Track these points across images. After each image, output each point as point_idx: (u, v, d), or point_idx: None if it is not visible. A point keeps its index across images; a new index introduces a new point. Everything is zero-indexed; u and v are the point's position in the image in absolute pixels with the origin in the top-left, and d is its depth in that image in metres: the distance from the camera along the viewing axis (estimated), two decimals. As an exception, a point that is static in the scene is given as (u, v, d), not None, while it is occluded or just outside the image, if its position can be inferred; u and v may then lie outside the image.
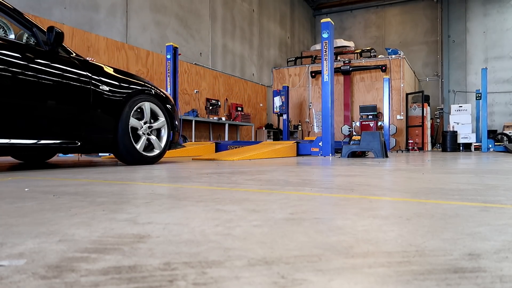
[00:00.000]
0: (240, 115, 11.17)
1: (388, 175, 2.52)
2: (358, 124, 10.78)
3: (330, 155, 6.18)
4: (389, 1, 16.90)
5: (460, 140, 10.61)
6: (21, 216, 1.10)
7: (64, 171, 2.89)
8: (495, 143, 9.77)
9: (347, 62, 11.86)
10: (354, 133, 11.13)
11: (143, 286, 0.56)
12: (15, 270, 0.63)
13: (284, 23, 15.33)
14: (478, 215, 1.09)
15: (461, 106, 10.96)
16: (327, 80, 6.28)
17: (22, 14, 2.93)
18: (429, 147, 12.35)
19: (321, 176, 2.39)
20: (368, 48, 12.58)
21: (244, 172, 2.72)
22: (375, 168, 3.25)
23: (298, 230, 0.91)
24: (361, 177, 2.35)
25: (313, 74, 12.52)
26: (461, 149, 10.72)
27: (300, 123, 12.80)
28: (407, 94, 11.24)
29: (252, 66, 13.03)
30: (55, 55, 3.01)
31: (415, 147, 10.52)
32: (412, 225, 0.97)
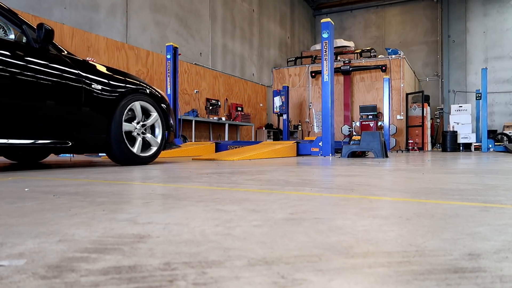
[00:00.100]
0: (240, 115, 11.17)
1: (388, 175, 2.52)
2: (358, 124, 10.78)
3: (330, 155, 6.18)
4: (389, 1, 16.90)
5: (460, 140, 10.61)
6: (21, 216, 1.10)
7: (64, 171, 2.89)
8: (495, 143, 9.77)
9: (347, 62, 11.86)
10: (354, 133, 11.13)
11: (143, 286, 0.56)
12: (15, 270, 0.63)
13: (284, 23, 15.33)
14: (478, 215, 1.09)
15: (461, 106, 10.96)
16: (327, 80, 6.28)
17: (11, 10, 2.87)
18: (429, 147, 12.35)
19: (321, 176, 2.39)
20: (368, 48, 12.58)
21: (244, 172, 2.72)
22: (375, 168, 3.25)
23: (298, 230, 0.91)
24: (361, 177, 2.35)
25: (313, 74, 12.52)
26: (461, 149, 10.72)
27: (300, 123, 12.80)
28: (407, 94, 11.24)
29: (252, 66, 13.03)
30: (45, 53, 2.94)
31: (415, 147, 10.51)
32: (412, 225, 0.97)
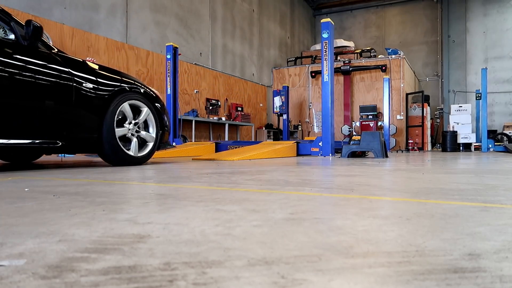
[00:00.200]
0: (240, 115, 11.16)
1: (388, 175, 2.52)
2: (358, 124, 10.78)
3: (330, 155, 6.18)
4: (389, 1, 16.90)
5: (460, 140, 10.61)
6: (21, 216, 1.10)
7: (64, 171, 2.89)
8: (495, 143, 9.76)
9: (347, 62, 11.86)
10: (354, 133, 11.13)
11: (143, 286, 0.56)
12: (15, 270, 0.63)
13: (284, 23, 15.33)
14: (478, 215, 1.09)
15: (461, 106, 10.96)
16: (327, 80, 6.28)
17: None
18: (429, 147, 12.35)
19: (321, 176, 2.39)
20: (368, 48, 12.58)
21: (244, 172, 2.72)
22: (375, 168, 3.25)
23: (298, 230, 0.91)
24: (361, 177, 2.35)
25: (313, 74, 12.52)
26: (461, 149, 10.72)
27: (300, 123, 12.80)
28: (407, 94, 11.24)
29: (252, 66, 13.03)
30: (34, 50, 2.87)
31: (415, 147, 10.51)
32: (412, 225, 0.97)
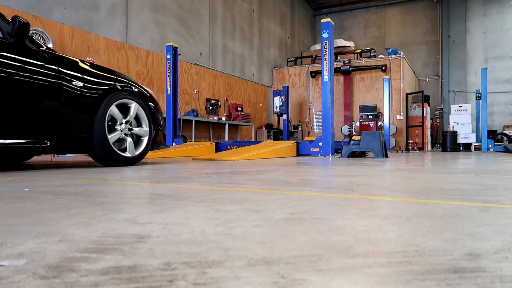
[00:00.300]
0: (240, 115, 11.17)
1: (388, 175, 2.52)
2: (358, 124, 10.78)
3: (330, 155, 6.18)
4: (389, 1, 16.90)
5: (460, 140, 10.61)
6: (21, 216, 1.10)
7: (64, 171, 2.89)
8: (495, 143, 9.76)
9: (347, 62, 11.86)
10: (354, 133, 11.13)
11: (143, 286, 0.56)
12: (15, 270, 0.63)
13: (284, 23, 15.33)
14: (478, 215, 1.09)
15: (461, 106, 10.96)
16: (327, 80, 6.28)
17: None
18: (429, 147, 12.35)
19: (321, 176, 2.39)
20: (368, 48, 12.58)
21: (244, 172, 2.72)
22: (375, 168, 3.25)
23: (298, 230, 0.91)
24: (361, 177, 2.35)
25: (313, 74, 12.52)
26: (461, 149, 10.72)
27: (300, 123, 12.80)
28: (407, 94, 11.24)
29: (252, 66, 13.03)
30: (20, 47, 2.80)
31: (415, 147, 10.52)
32: (412, 225, 0.97)
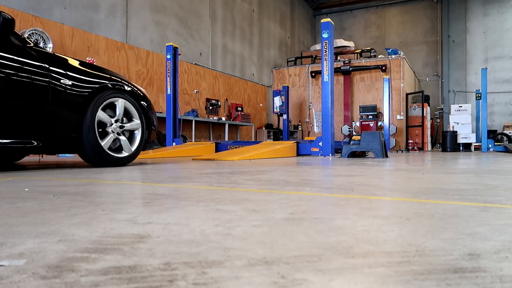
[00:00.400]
0: (240, 115, 11.17)
1: (388, 175, 2.52)
2: (358, 124, 10.78)
3: (330, 155, 6.18)
4: (389, 1, 16.90)
5: (460, 140, 10.61)
6: (21, 216, 1.10)
7: (64, 171, 2.89)
8: (495, 143, 9.76)
9: (347, 62, 11.86)
10: (354, 133, 11.13)
11: (143, 286, 0.56)
12: (15, 270, 0.63)
13: (284, 23, 15.33)
14: (478, 215, 1.09)
15: (461, 106, 10.96)
16: (327, 80, 6.28)
17: None
18: (429, 147, 12.35)
19: (321, 176, 2.39)
20: (368, 48, 12.58)
21: (244, 172, 2.72)
22: (375, 168, 3.25)
23: (298, 230, 0.91)
24: (361, 177, 2.35)
25: (313, 74, 12.52)
26: (461, 149, 10.72)
27: (300, 123, 12.80)
28: (407, 94, 11.24)
29: (252, 66, 13.03)
30: (5, 44, 2.71)
31: (415, 147, 10.52)
32: (412, 225, 0.97)
